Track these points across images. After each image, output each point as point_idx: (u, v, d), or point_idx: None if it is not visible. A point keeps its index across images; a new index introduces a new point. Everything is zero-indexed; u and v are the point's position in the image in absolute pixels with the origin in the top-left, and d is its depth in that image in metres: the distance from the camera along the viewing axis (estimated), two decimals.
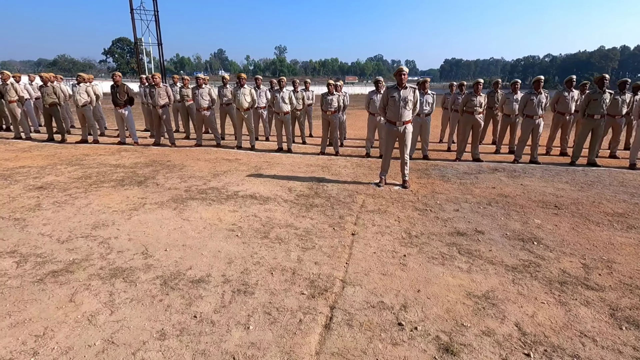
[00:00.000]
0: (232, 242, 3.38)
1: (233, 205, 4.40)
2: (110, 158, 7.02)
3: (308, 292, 2.57)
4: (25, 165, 6.31)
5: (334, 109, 7.47)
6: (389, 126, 5.16)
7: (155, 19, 33.86)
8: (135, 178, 5.56)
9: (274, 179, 5.68)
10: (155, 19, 33.81)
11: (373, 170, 6.35)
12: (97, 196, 4.67)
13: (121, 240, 3.39)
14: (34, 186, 5.05)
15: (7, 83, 8.86)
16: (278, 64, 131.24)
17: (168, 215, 4.04)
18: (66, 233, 3.52)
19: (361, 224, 3.88)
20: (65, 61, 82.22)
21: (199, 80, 8.01)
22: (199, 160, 6.97)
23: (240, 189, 5.10)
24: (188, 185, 5.21)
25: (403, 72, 4.92)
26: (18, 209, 4.14)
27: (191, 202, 4.51)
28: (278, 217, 4.03)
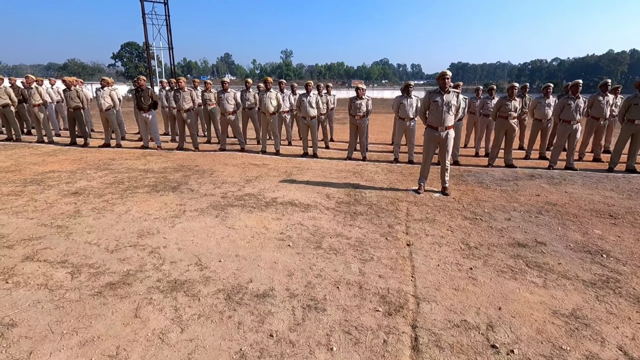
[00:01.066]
0: (286, 253, 3.24)
1: (275, 213, 4.27)
2: (137, 162, 6.94)
3: (383, 308, 2.42)
4: (55, 169, 6.25)
5: (362, 113, 7.34)
6: (430, 131, 5.02)
7: (166, 24, 34.10)
8: (168, 183, 5.46)
9: (307, 185, 5.55)
10: (167, 23, 34.04)
11: (406, 177, 6.21)
12: (134, 202, 4.57)
13: (171, 249, 3.28)
14: (69, 192, 4.97)
15: (31, 87, 8.86)
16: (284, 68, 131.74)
17: (212, 223, 3.92)
18: (113, 242, 3.42)
19: (413, 233, 3.73)
20: (75, 65, 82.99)
21: (224, 84, 7.93)
22: (227, 165, 6.86)
23: (277, 195, 4.97)
24: (223, 192, 5.09)
25: (447, 76, 4.78)
26: (58, 216, 4.05)
27: (231, 209, 4.39)
28: (325, 226, 3.89)
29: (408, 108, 7.02)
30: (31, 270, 2.86)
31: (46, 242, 3.37)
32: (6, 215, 4.02)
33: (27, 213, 4.13)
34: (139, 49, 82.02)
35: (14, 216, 4.02)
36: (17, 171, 6.08)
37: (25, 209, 4.26)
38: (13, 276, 2.77)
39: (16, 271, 2.84)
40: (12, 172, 6.03)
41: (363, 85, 7.52)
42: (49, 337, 2.10)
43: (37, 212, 4.15)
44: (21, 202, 4.50)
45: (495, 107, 6.79)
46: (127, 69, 79.70)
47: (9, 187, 5.14)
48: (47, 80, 11.13)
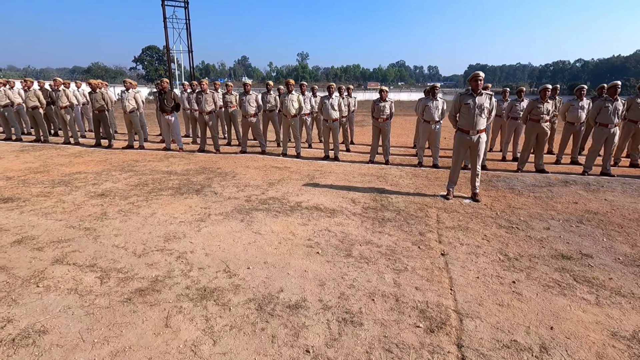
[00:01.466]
0: (315, 261, 3.13)
1: (301, 218, 4.17)
2: (160, 164, 6.97)
3: (424, 325, 2.28)
4: (81, 170, 6.33)
5: (386, 116, 7.18)
6: (460, 135, 4.83)
7: (186, 27, 34.70)
8: (192, 186, 5.44)
9: (331, 189, 5.44)
10: (187, 27, 34.64)
11: (432, 181, 6.02)
12: (159, 205, 4.55)
13: (198, 255, 3.21)
14: (95, 193, 5.00)
15: (59, 89, 9.06)
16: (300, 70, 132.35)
17: (238, 228, 3.84)
18: (140, 245, 3.38)
19: (447, 242, 3.56)
20: (99, 68, 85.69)
21: (246, 86, 7.91)
22: (248, 167, 6.82)
23: (301, 199, 4.87)
24: (247, 195, 5.03)
25: (479, 77, 4.59)
26: (86, 218, 4.06)
27: (256, 213, 4.31)
28: (353, 232, 3.76)
29: (434, 111, 6.82)
30: (61, 274, 2.83)
31: (75, 245, 3.36)
32: (36, 217, 4.06)
33: (56, 214, 4.15)
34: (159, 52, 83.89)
35: (44, 217, 4.04)
36: (45, 172, 6.19)
37: (54, 210, 4.29)
38: (43, 280, 2.74)
39: (46, 274, 2.82)
40: (41, 173, 6.14)
41: (386, 87, 7.36)
42: (80, 346, 2.04)
43: (65, 214, 4.17)
44: (50, 203, 4.54)
45: (526, 109, 6.52)
46: (147, 72, 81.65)
47: (38, 187, 5.22)
48: (74, 83, 11.41)
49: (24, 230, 3.67)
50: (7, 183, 5.44)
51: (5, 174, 6.04)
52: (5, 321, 2.23)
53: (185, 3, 34.09)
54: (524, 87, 7.58)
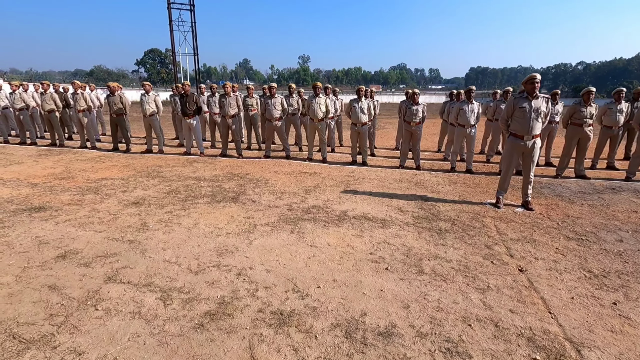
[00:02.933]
0: (387, 278, 2.89)
1: (352, 229, 3.93)
2: (185, 170, 6.74)
3: (540, 356, 2.03)
4: (106, 177, 6.10)
5: (419, 120, 6.96)
6: (514, 140, 4.60)
7: (192, 30, 34.60)
8: (226, 193, 5.21)
9: (372, 196, 5.20)
10: (192, 30, 34.55)
11: (472, 188, 5.78)
12: (199, 214, 4.31)
13: (259, 271, 2.97)
14: (128, 201, 4.77)
15: (77, 92, 8.85)
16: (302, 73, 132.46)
17: (290, 240, 3.61)
18: (193, 261, 3.14)
19: (519, 256, 3.32)
20: (101, 71, 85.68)
21: (272, 89, 7.69)
22: (278, 173, 6.58)
23: (345, 208, 4.64)
24: (286, 203, 4.79)
25: (536, 80, 4.36)
26: (126, 229, 3.82)
27: (303, 223, 4.07)
28: (415, 245, 3.52)
29: (469, 114, 6.60)
30: (117, 294, 2.59)
31: (123, 260, 3.12)
32: (74, 228, 3.82)
33: (94, 225, 3.91)
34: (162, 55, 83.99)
35: (82, 228, 3.81)
36: (70, 178, 5.96)
37: (90, 220, 4.05)
38: (101, 301, 2.50)
39: (102, 295, 2.58)
40: (66, 179, 5.91)
41: (417, 90, 7.13)
42: None
43: (103, 224, 3.93)
44: (84, 212, 4.31)
45: (567, 113, 6.30)
46: (149, 75, 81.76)
47: (67, 195, 4.98)
48: (87, 86, 11.20)
49: (64, 243, 3.43)
50: (34, 190, 5.21)
51: (29, 180, 5.81)
52: (73, 353, 1.99)
53: (191, 6, 34.03)
54: (558, 91, 7.34)
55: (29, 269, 2.93)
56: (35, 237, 3.56)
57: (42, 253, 3.22)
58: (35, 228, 3.80)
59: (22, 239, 3.52)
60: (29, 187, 5.36)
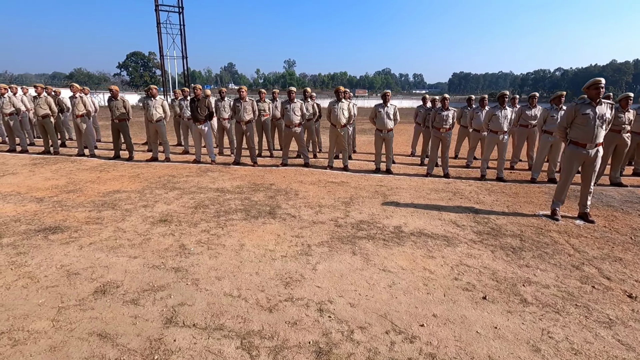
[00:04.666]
0: (493, 311, 2.51)
1: (417, 248, 3.55)
2: (202, 180, 6.22)
3: None
4: (118, 189, 5.53)
5: (449, 126, 6.67)
6: (574, 149, 4.32)
7: (180, 33, 33.72)
8: (259, 207, 4.75)
9: (417, 208, 4.84)
10: (181, 32, 33.68)
11: (512, 197, 5.51)
12: (240, 233, 3.85)
13: (341, 306, 2.54)
14: (154, 218, 4.25)
15: (75, 96, 8.19)
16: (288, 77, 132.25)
17: (357, 264, 3.19)
18: (258, 293, 2.68)
19: (616, 278, 3.01)
20: (81, 75, 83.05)
21: (291, 94, 7.27)
22: (303, 183, 6.15)
23: (396, 223, 4.25)
24: (330, 218, 4.38)
25: (600, 84, 4.11)
26: (164, 254, 3.32)
27: (361, 242, 3.67)
28: (497, 267, 3.17)
29: (502, 120, 6.34)
30: (187, 343, 2.12)
31: (177, 295, 2.63)
32: (103, 253, 3.29)
33: (125, 249, 3.40)
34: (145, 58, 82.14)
35: (112, 254, 3.28)
36: (78, 191, 5.36)
37: (119, 243, 3.53)
38: (170, 354, 2.03)
39: (168, 344, 2.11)
40: (73, 192, 5.31)
41: (448, 96, 6.85)
42: None
43: (135, 248, 3.42)
44: (108, 233, 3.77)
45: None
46: (132, 78, 79.81)
47: (81, 212, 4.42)
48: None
49: (98, 274, 2.91)
50: (41, 206, 4.61)
51: (31, 193, 5.19)
52: None
53: (180, 8, 33.20)
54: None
55: (66, 310, 2.41)
56: (60, 266, 3.02)
57: (76, 287, 2.70)
58: (57, 254, 3.25)
59: (45, 268, 2.99)
60: (34, 203, 4.76)
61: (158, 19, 32.09)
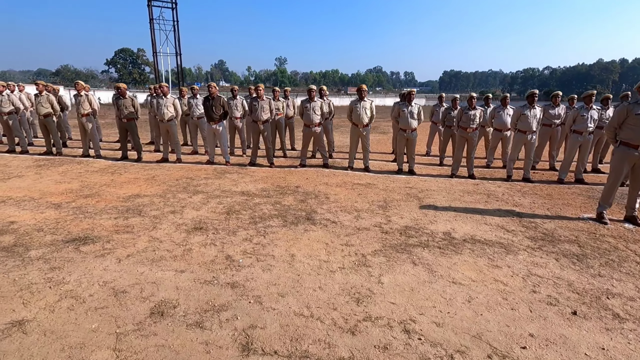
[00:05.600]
0: (591, 329, 2.33)
1: (477, 256, 3.36)
2: (223, 183, 5.94)
3: None
4: (137, 193, 5.21)
5: (476, 125, 6.51)
6: (625, 150, 4.19)
7: (174, 29, 33.01)
8: (294, 212, 4.50)
9: (457, 212, 4.66)
10: (174, 29, 32.96)
11: (546, 198, 5.39)
12: (285, 242, 3.60)
13: (427, 325, 2.33)
14: (187, 226, 3.97)
15: (80, 94, 7.80)
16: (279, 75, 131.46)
17: (423, 276, 2.98)
18: (331, 311, 2.45)
19: None
20: (68, 71, 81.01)
21: (311, 92, 7.01)
22: (329, 185, 5.92)
23: (443, 228, 4.06)
24: (372, 224, 4.16)
25: None
26: (212, 266, 3.06)
27: (416, 250, 3.46)
28: (571, 278, 3.00)
29: (531, 120, 6.20)
30: None
31: (243, 315, 2.38)
32: (145, 267, 3.02)
33: (167, 262, 3.12)
34: (133, 55, 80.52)
35: (156, 267, 3.01)
36: (95, 196, 5.04)
37: (158, 255, 3.25)
38: None
39: None
40: (91, 197, 4.99)
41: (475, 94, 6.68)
42: None
43: (179, 260, 3.15)
44: (143, 244, 3.48)
45: None
46: (121, 75, 78.24)
47: (106, 219, 4.11)
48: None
49: (148, 291, 2.64)
50: (61, 213, 4.29)
51: (46, 199, 4.85)
52: None
53: (173, 4, 32.49)
54: (610, 95, 7.11)
55: (126, 337, 2.15)
56: (103, 283, 2.74)
57: (128, 308, 2.43)
58: (95, 269, 2.96)
59: (87, 286, 2.70)
60: (52, 209, 4.42)
61: (151, 14, 31.36)
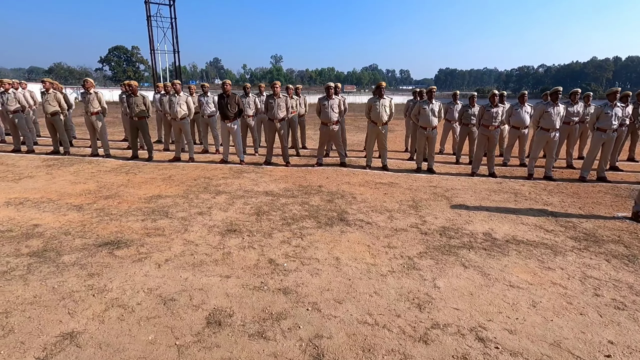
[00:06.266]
0: None
1: (525, 258, 3.27)
2: (243, 182, 5.79)
3: None
4: (157, 193, 5.05)
5: (498, 123, 6.42)
6: None
7: (171, 27, 32.59)
8: (324, 213, 4.38)
9: (490, 212, 4.57)
10: (172, 26, 32.55)
11: (573, 197, 5.34)
12: (325, 244, 3.48)
13: (500, 333, 2.22)
14: (219, 228, 3.83)
15: (90, 92, 7.58)
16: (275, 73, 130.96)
17: (477, 279, 2.88)
18: (394, 318, 2.33)
19: None
20: (61, 69, 80.00)
21: (329, 90, 6.86)
22: (352, 184, 5.80)
23: (482, 229, 3.97)
24: (408, 224, 4.05)
25: None
26: (256, 271, 2.93)
27: (463, 252, 3.36)
28: (629, 280, 2.92)
29: (555, 117, 6.13)
30: None
31: (305, 324, 2.26)
32: (187, 272, 2.87)
33: (209, 266, 2.98)
34: (127, 52, 79.67)
35: (199, 273, 2.87)
36: (115, 197, 4.87)
37: (198, 259, 3.11)
38: None
39: None
40: (111, 198, 4.82)
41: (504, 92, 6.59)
42: None
43: (220, 265, 3.02)
44: (178, 247, 3.34)
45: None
46: (115, 73, 77.41)
47: (133, 221, 3.95)
48: None
49: (198, 299, 2.50)
50: (85, 215, 4.12)
51: (65, 200, 4.67)
52: None
53: (171, 1, 32.06)
54: (629, 92, 7.05)
55: (188, 349, 2.01)
56: (148, 290, 2.60)
57: (182, 318, 2.29)
58: (135, 274, 2.82)
59: (132, 293, 2.55)
60: (74, 211, 4.25)
61: (148, 12, 30.94)
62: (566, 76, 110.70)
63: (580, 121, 7.34)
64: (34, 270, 2.83)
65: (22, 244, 3.30)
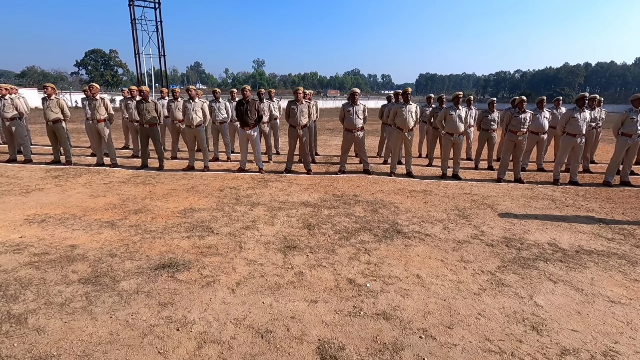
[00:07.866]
0: None
1: (606, 269, 3.18)
2: (274, 193, 5.52)
3: None
4: (191, 207, 4.73)
5: (526, 129, 6.41)
6: None
7: (156, 30, 31.77)
8: (376, 224, 4.18)
9: (538, 219, 4.49)
10: (157, 29, 31.73)
11: (608, 202, 5.36)
12: (396, 260, 3.28)
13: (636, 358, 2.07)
14: (276, 245, 3.56)
15: (95, 99, 7.14)
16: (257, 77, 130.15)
17: (573, 295, 2.75)
18: (520, 345, 2.16)
19: None
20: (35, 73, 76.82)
21: (355, 96, 6.69)
22: (384, 192, 5.63)
23: (543, 239, 3.87)
24: (467, 235, 3.91)
25: None
26: (341, 293, 2.70)
27: (540, 264, 3.23)
28: None
29: (581, 122, 6.17)
30: None
31: (427, 355, 2.05)
32: (268, 297, 2.61)
33: (287, 290, 2.73)
34: (105, 56, 77.40)
35: (281, 298, 2.61)
36: (145, 211, 4.52)
37: (272, 282, 2.85)
38: None
39: None
40: (141, 212, 4.46)
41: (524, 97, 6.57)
42: None
43: (300, 288, 2.76)
44: (243, 269, 3.06)
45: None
46: (91, 77, 74.95)
47: (178, 239, 3.63)
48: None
49: (296, 330, 2.25)
50: (122, 233, 3.76)
51: (91, 216, 4.28)
52: None
53: (156, 4, 31.29)
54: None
55: None
56: (235, 321, 2.32)
57: (290, 354, 2.04)
58: (211, 302, 2.53)
59: (219, 326, 2.27)
60: (107, 228, 3.89)
61: (132, 15, 30.07)
62: (541, 81, 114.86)
63: (598, 126, 7.46)
64: (94, 300, 2.50)
65: (67, 269, 2.94)
